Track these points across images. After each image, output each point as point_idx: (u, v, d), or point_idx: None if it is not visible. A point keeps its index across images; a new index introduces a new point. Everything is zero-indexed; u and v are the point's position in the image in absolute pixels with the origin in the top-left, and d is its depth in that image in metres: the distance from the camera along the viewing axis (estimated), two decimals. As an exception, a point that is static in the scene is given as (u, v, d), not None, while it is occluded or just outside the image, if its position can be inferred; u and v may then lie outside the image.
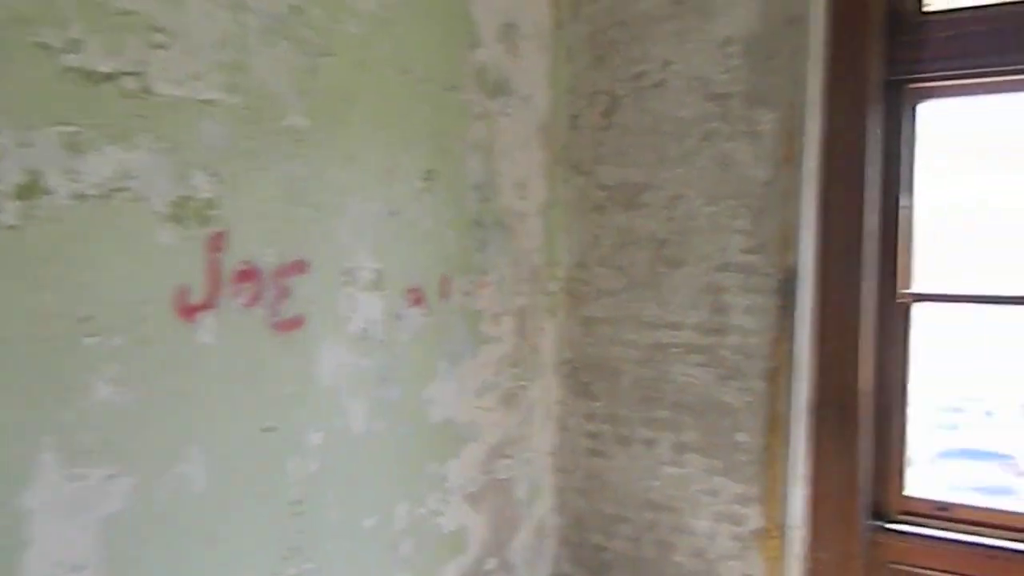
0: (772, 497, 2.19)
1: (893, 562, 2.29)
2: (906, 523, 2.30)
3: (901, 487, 2.35)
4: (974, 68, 2.27)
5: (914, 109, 2.35)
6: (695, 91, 2.30)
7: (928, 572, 2.25)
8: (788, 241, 2.18)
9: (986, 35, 2.23)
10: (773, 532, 2.19)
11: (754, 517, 2.21)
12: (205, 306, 1.43)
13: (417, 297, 1.93)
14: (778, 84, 2.20)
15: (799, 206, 2.17)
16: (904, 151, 2.34)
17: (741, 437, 2.23)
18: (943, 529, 2.26)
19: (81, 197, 1.25)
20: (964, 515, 2.26)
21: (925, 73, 2.31)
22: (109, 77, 1.29)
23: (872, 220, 2.29)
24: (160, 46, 1.36)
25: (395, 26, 1.83)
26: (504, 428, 2.26)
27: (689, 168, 2.31)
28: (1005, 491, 7.24)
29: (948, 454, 7.93)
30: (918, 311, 2.35)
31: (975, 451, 8.00)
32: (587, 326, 2.46)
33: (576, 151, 2.48)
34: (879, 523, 2.31)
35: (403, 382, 1.89)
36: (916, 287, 2.36)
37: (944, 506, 2.29)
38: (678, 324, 2.33)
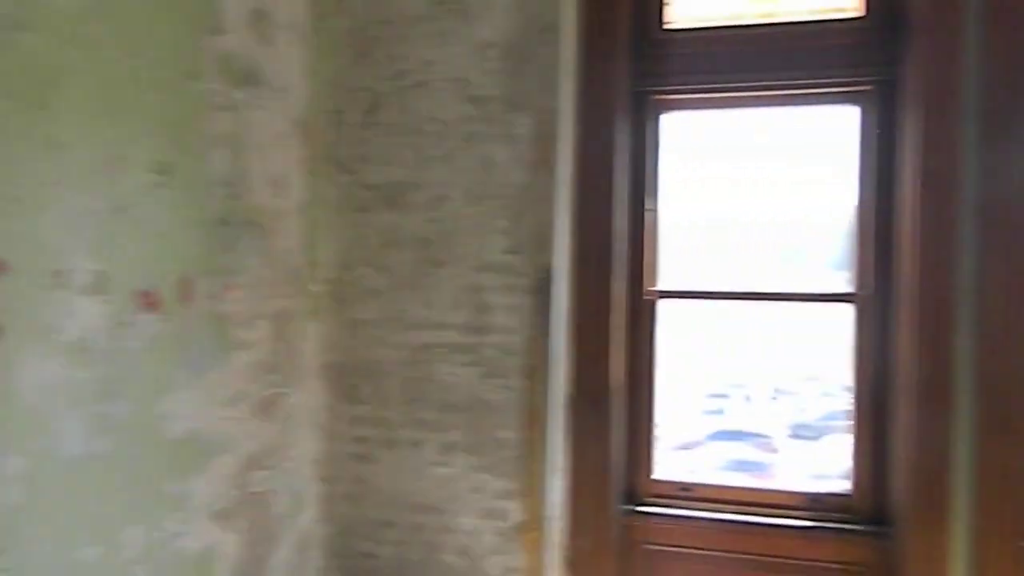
0: (532, 490, 2.25)
1: (644, 542, 2.45)
2: (654, 505, 2.47)
3: (650, 471, 2.52)
4: (711, 83, 2.48)
5: (658, 119, 2.53)
6: (456, 93, 2.32)
7: (674, 549, 2.43)
8: (544, 242, 2.25)
9: (722, 54, 2.45)
10: (533, 524, 2.25)
11: (516, 511, 2.26)
12: None
13: (150, 301, 1.76)
14: (533, 90, 2.26)
15: (553, 208, 2.25)
16: (649, 158, 2.51)
17: (503, 434, 2.28)
18: (686, 508, 2.45)
19: None
20: (704, 493, 2.47)
21: (668, 86, 2.50)
22: None
23: (621, 223, 2.43)
24: None
25: (117, 2, 1.66)
26: (261, 438, 2.14)
27: (452, 169, 2.32)
28: (761, 467, 8.08)
29: (716, 436, 8.72)
30: (665, 307, 2.53)
31: (737, 432, 8.86)
32: (353, 328, 2.40)
33: (339, 148, 2.40)
34: (631, 507, 2.46)
35: (133, 395, 1.71)
36: (662, 285, 2.54)
37: (686, 486, 2.48)
38: (443, 324, 2.33)
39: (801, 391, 9.12)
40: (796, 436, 8.78)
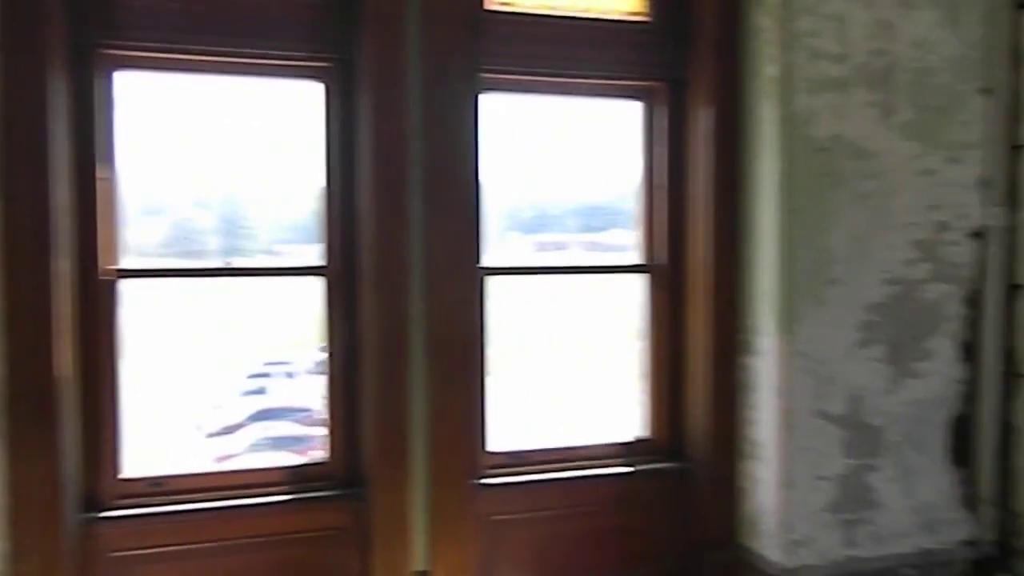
0: (-55, 519, 1.85)
1: (112, 551, 2.20)
2: (121, 508, 2.24)
3: (117, 471, 2.27)
4: (166, 43, 2.26)
5: (110, 77, 2.25)
6: None
7: (148, 551, 2.24)
8: (-54, 215, 1.84)
9: (179, 12, 2.25)
10: (-50, 560, 1.85)
11: (-78, 549, 1.83)
12: None
13: None
14: (-79, 24, 1.81)
15: (-43, 173, 1.84)
16: (100, 120, 2.23)
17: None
18: (158, 505, 2.26)
19: None
20: (178, 485, 2.31)
21: (118, 41, 2.23)
22: None
23: (63, 194, 2.11)
24: None
25: None
26: None
27: None
28: (305, 441, 8.13)
29: (258, 416, 8.52)
30: (127, 287, 2.29)
31: (280, 409, 8.79)
32: None
33: None
34: (91, 515, 2.19)
35: None
36: (124, 263, 2.29)
37: (157, 481, 2.30)
38: None
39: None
40: (336, 407, 9.02)
